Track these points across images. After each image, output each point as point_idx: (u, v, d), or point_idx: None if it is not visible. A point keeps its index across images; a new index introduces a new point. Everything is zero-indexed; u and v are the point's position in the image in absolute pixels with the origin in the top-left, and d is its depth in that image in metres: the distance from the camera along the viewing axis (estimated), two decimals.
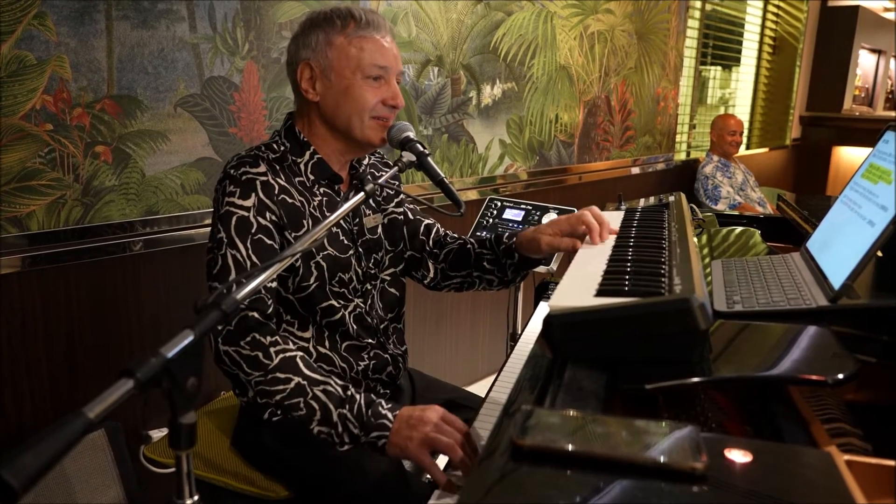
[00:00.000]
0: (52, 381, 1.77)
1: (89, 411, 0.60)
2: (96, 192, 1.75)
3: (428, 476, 1.52)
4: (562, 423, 0.64)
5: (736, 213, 1.98)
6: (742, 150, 5.07)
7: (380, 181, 1.16)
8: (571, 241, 1.31)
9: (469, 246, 1.53)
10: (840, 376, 0.72)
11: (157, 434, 2.02)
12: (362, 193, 1.09)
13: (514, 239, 1.45)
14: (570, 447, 0.59)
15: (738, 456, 0.61)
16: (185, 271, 1.99)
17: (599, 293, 0.89)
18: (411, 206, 1.43)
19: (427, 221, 1.59)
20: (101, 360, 1.85)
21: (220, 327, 1.20)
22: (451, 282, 1.57)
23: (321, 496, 1.33)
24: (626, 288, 0.88)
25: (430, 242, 1.57)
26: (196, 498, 0.75)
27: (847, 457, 0.72)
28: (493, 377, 3.25)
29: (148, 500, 1.86)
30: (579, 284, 0.92)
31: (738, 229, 1.60)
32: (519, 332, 2.46)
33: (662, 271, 0.94)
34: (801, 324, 0.87)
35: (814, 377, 0.73)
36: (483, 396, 1.43)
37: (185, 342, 0.70)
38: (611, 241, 1.23)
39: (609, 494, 0.55)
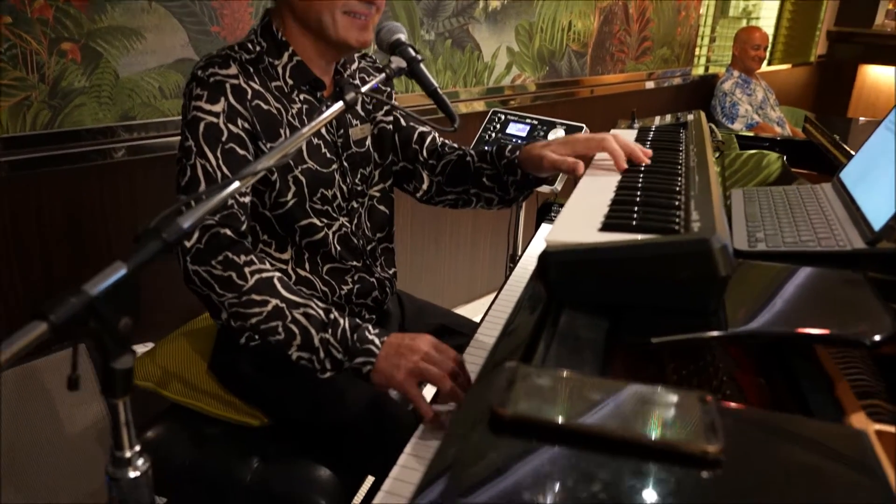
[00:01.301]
0: (27, 305, 1.69)
1: None
2: (65, 94, 1.61)
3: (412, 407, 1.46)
4: (551, 388, 0.54)
5: (752, 133, 1.83)
6: (763, 67, 4.81)
7: (363, 89, 1.02)
8: (574, 162, 1.17)
9: (468, 159, 1.40)
10: (878, 337, 0.62)
11: (142, 349, 1.97)
12: (341, 103, 0.96)
13: (518, 153, 1.33)
14: (559, 419, 0.50)
15: (758, 434, 0.51)
16: (168, 183, 1.87)
17: (604, 227, 0.77)
18: (403, 112, 1.30)
19: (421, 129, 1.45)
20: (79, 277, 1.77)
21: (188, 245, 1.10)
22: (446, 197, 1.45)
23: (301, 426, 1.27)
24: (635, 222, 0.77)
25: (425, 152, 1.44)
26: (138, 448, 0.66)
27: (877, 426, 0.62)
28: (491, 296, 3.20)
29: (135, 413, 1.81)
30: (582, 216, 0.81)
31: (761, 153, 1.46)
32: (519, 253, 2.37)
33: (677, 203, 0.82)
34: (832, 268, 0.76)
35: (849, 336, 0.63)
36: (478, 322, 1.34)
37: (115, 277, 0.59)
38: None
39: (604, 480, 0.45)
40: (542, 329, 0.70)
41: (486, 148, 1.40)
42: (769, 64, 5.27)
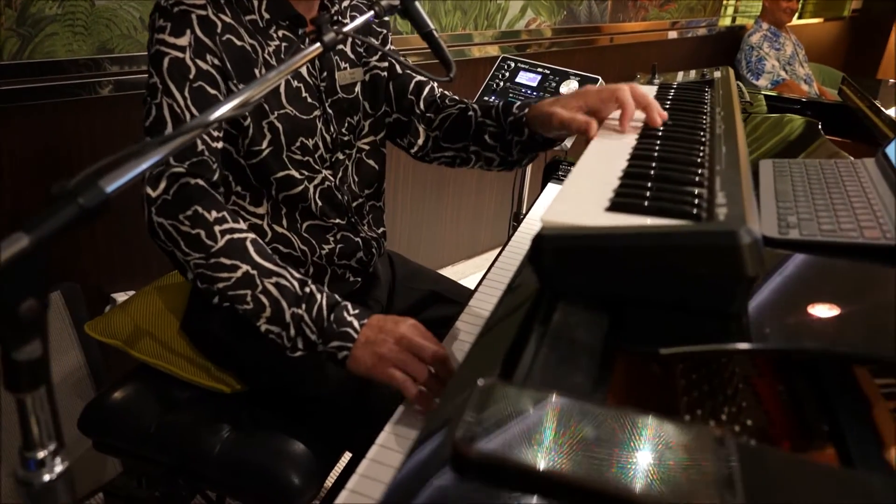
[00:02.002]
0: None
1: None
2: (35, 21, 1.48)
3: None
4: (532, 419, 0.44)
5: (774, 93, 1.68)
6: (793, 20, 4.56)
7: (346, 28, 0.89)
8: (585, 121, 1.04)
9: (471, 113, 1.27)
10: None
11: (122, 296, 1.89)
12: (318, 45, 0.84)
13: (527, 111, 1.19)
14: (539, 464, 0.40)
15: (786, 486, 0.41)
16: None
17: (613, 207, 0.66)
18: (400, 59, 1.17)
19: (418, 78, 1.32)
20: None
21: (153, 194, 0.99)
22: (443, 154, 1.33)
23: (277, 395, 1.19)
24: (648, 203, 0.65)
25: (422, 104, 1.31)
26: (53, 447, 0.57)
27: None
28: (494, 252, 3.09)
29: (111, 365, 1.75)
30: (587, 191, 0.69)
31: (792, 117, 1.33)
32: (524, 211, 2.25)
33: (699, 179, 0.70)
34: (880, 265, 0.65)
35: None
36: (472, 289, 1.24)
37: (13, 250, 0.49)
38: (637, 126, 0.97)
39: None
40: (531, 326, 0.60)
41: (492, 102, 1.26)
42: (800, 17, 5.00)
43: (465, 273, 3.01)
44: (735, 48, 3.89)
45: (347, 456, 1.19)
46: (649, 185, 0.70)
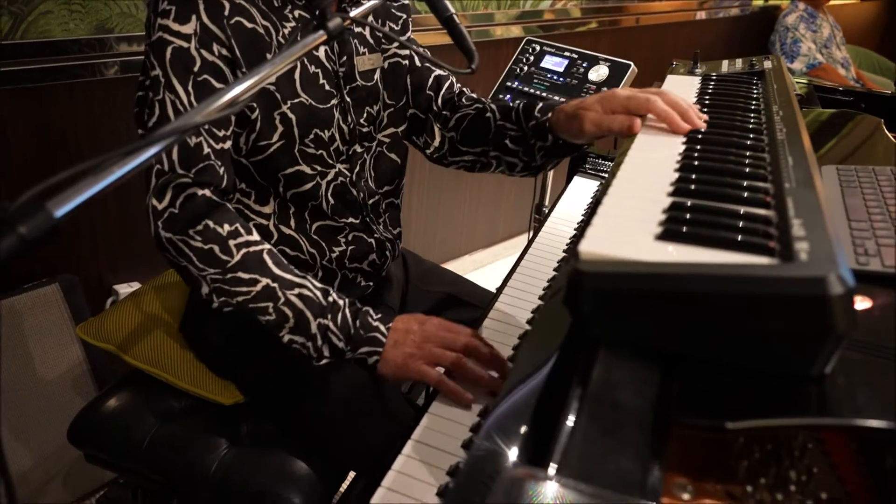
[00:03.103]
0: None
1: None
2: None
3: (406, 388, 1.28)
4: None
5: (805, 80, 1.54)
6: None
7: (354, 13, 0.79)
8: (628, 121, 0.93)
9: (489, 115, 1.16)
10: None
11: (125, 289, 1.81)
12: (321, 32, 0.73)
13: (551, 115, 1.08)
14: None
15: None
16: None
17: (664, 235, 0.55)
18: (420, 50, 1.07)
19: (438, 72, 1.21)
20: None
21: (158, 206, 0.91)
22: (462, 158, 1.22)
23: (279, 409, 1.10)
24: (707, 231, 0.54)
25: (440, 101, 1.21)
26: None
27: None
28: (513, 241, 2.99)
29: (114, 359, 1.67)
30: (631, 213, 0.59)
31: (847, 112, 1.20)
32: (546, 203, 2.13)
33: (769, 200, 0.59)
34: None
35: None
36: (494, 291, 1.14)
37: None
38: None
39: None
40: (566, 384, 0.50)
41: (511, 103, 1.15)
42: None
43: (483, 262, 2.90)
44: (769, 29, 3.71)
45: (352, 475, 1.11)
46: (706, 205, 0.59)
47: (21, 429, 1.53)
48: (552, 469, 0.41)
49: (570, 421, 0.46)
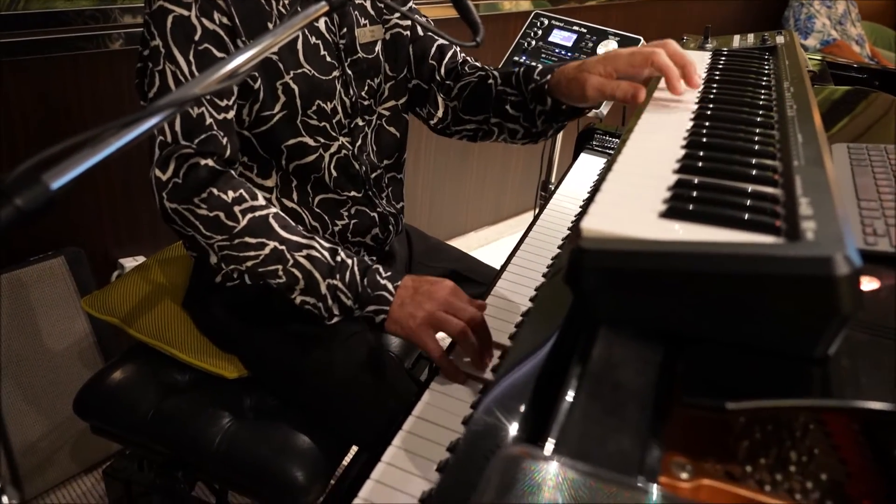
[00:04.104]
0: None
1: None
2: None
3: (409, 365, 1.28)
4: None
5: (818, 56, 1.51)
6: None
7: None
8: (632, 88, 0.92)
9: (490, 81, 1.15)
10: None
11: (131, 262, 1.81)
12: (323, 3, 0.72)
13: (550, 77, 1.07)
14: None
15: None
16: None
17: (668, 213, 0.54)
18: (422, 20, 1.05)
19: (441, 41, 1.20)
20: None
21: (162, 177, 0.91)
22: (464, 127, 1.21)
23: (282, 383, 1.10)
24: (712, 209, 0.54)
25: (443, 70, 1.19)
26: None
27: None
28: (519, 218, 2.97)
29: (119, 332, 1.68)
30: (635, 190, 0.58)
31: (861, 90, 1.18)
32: (553, 180, 2.12)
33: (776, 178, 0.58)
34: None
35: None
36: (497, 268, 1.14)
37: None
38: (690, 104, 0.84)
39: None
40: (565, 362, 0.49)
41: (514, 69, 1.13)
42: None
43: (489, 239, 2.90)
44: (783, 4, 3.65)
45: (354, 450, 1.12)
46: (712, 182, 0.58)
47: (28, 400, 1.55)
48: (550, 447, 0.40)
49: (570, 399, 0.45)
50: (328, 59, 1.04)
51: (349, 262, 0.93)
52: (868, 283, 0.56)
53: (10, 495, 0.50)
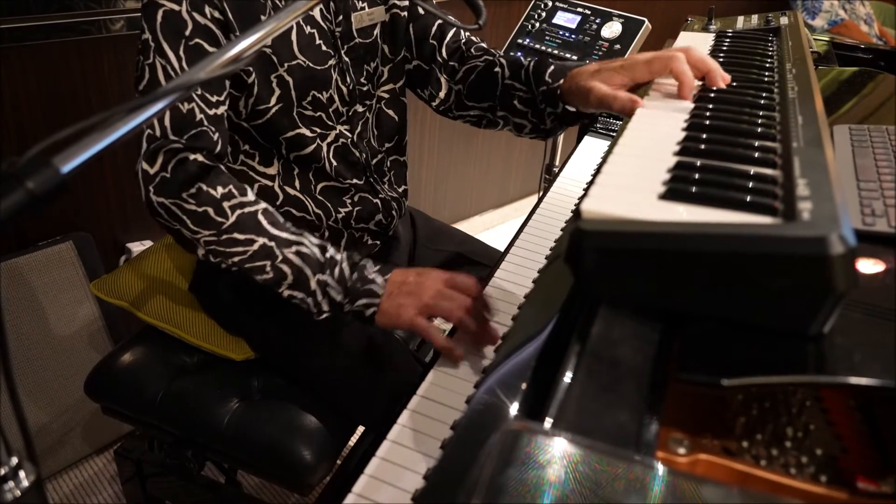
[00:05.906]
0: None
1: None
2: None
3: (415, 346, 1.30)
4: (562, 477, 0.35)
5: (827, 37, 1.50)
6: None
7: None
8: (630, 99, 0.88)
9: (497, 69, 1.14)
10: None
11: (138, 247, 1.83)
12: None
13: (563, 82, 1.04)
14: None
15: None
16: None
17: (668, 195, 0.55)
18: (425, 3, 1.05)
19: (442, 21, 1.19)
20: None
21: (150, 171, 0.91)
22: (468, 113, 1.21)
23: (288, 364, 1.12)
24: (710, 191, 0.54)
25: (445, 50, 1.18)
26: (14, 462, 0.50)
27: None
28: (523, 202, 2.97)
29: (127, 314, 1.70)
30: (635, 173, 0.59)
31: (867, 71, 1.18)
32: (556, 163, 2.12)
33: (775, 160, 0.59)
34: None
35: None
36: (501, 250, 1.15)
37: None
38: (693, 87, 0.84)
39: None
40: (565, 339, 0.50)
41: (521, 59, 1.12)
42: None
43: (493, 223, 2.90)
44: None
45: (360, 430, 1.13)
46: (711, 164, 0.59)
47: (39, 383, 1.57)
48: (548, 422, 0.42)
49: (569, 376, 0.47)
50: (324, 48, 1.03)
51: (338, 257, 0.93)
52: (864, 263, 0.57)
53: (27, 470, 0.51)
